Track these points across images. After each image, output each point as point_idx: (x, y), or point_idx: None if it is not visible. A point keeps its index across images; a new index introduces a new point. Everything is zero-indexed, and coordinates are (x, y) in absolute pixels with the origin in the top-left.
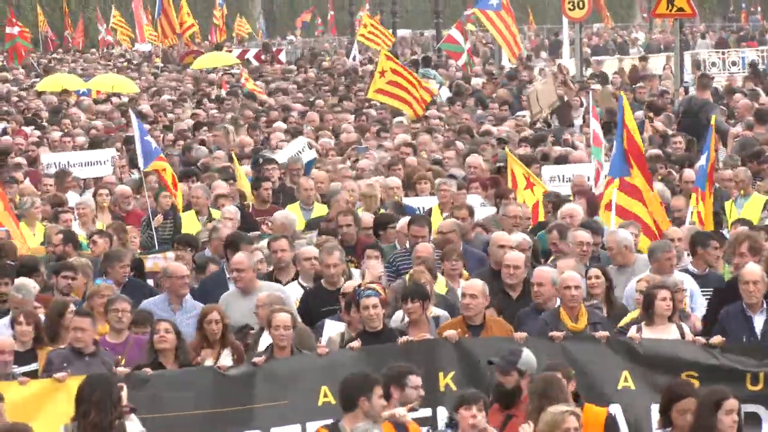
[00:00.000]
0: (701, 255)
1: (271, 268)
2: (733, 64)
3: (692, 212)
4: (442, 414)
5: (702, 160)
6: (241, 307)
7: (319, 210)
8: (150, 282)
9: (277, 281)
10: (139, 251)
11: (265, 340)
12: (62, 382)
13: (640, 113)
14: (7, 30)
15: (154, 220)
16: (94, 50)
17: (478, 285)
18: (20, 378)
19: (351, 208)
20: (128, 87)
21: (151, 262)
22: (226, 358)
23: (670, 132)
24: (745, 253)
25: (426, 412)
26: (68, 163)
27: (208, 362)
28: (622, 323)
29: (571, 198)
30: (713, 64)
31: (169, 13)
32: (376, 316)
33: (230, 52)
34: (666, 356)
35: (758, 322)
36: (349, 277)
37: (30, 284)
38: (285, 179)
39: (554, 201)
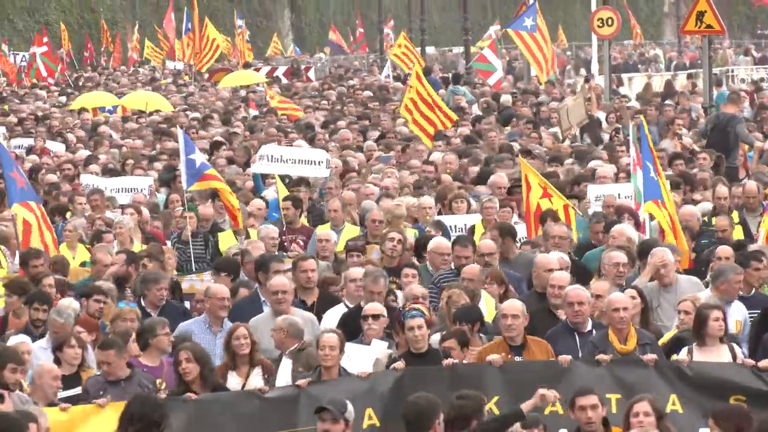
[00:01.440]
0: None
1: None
2: (762, 80)
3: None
4: None
5: None
6: None
7: (350, 230)
8: (187, 304)
9: (301, 301)
10: (176, 272)
11: (286, 366)
12: (103, 407)
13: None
14: (32, 49)
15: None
16: (123, 68)
17: (517, 305)
18: (61, 405)
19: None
20: (162, 105)
21: (188, 284)
22: (257, 378)
23: (697, 148)
24: None
25: None
26: (106, 188)
27: (234, 381)
28: (662, 341)
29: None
30: (742, 80)
31: (196, 32)
32: (421, 337)
33: (258, 70)
34: (714, 380)
35: None
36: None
37: (70, 308)
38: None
39: None
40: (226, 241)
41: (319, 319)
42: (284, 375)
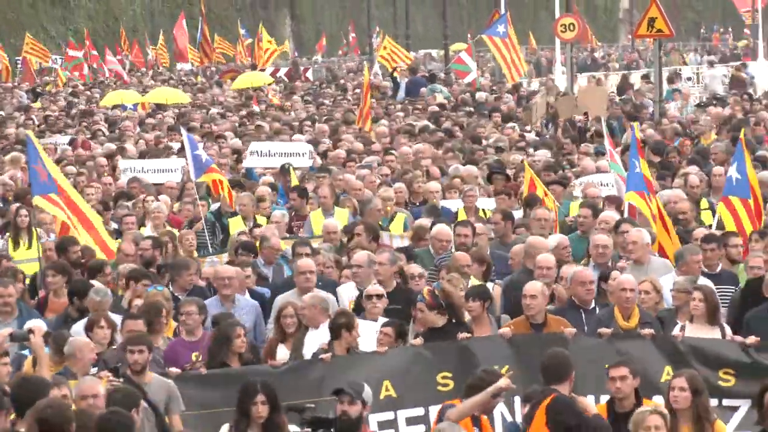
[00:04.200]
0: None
1: None
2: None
3: (718, 218)
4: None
5: (732, 171)
6: None
7: (340, 214)
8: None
9: None
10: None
11: (310, 338)
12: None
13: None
14: (71, 53)
15: (195, 226)
16: (144, 69)
17: (537, 286)
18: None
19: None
20: (180, 98)
21: (208, 266)
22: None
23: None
24: None
25: None
26: (143, 169)
27: (283, 352)
28: None
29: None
30: (688, 78)
31: (207, 39)
32: None
33: (263, 70)
34: (705, 353)
35: None
36: (405, 279)
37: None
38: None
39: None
40: (236, 226)
41: None
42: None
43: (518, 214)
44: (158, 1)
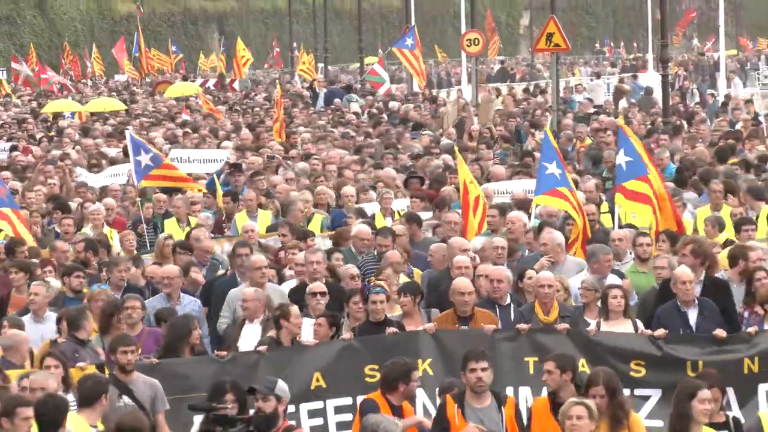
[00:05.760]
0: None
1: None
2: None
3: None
4: (421, 394)
5: (621, 158)
6: None
7: (264, 216)
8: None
9: None
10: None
11: (247, 331)
12: (84, 370)
13: None
14: (13, 65)
15: (139, 228)
16: (85, 81)
17: (467, 283)
18: (79, 364)
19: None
20: (117, 106)
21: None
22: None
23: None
24: (686, 254)
25: None
26: (94, 181)
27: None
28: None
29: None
30: (584, 88)
31: (145, 54)
32: (381, 309)
33: (194, 81)
34: (616, 347)
35: (692, 317)
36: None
37: (52, 282)
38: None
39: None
40: (171, 228)
41: None
42: (252, 340)
43: None
44: (97, 19)
